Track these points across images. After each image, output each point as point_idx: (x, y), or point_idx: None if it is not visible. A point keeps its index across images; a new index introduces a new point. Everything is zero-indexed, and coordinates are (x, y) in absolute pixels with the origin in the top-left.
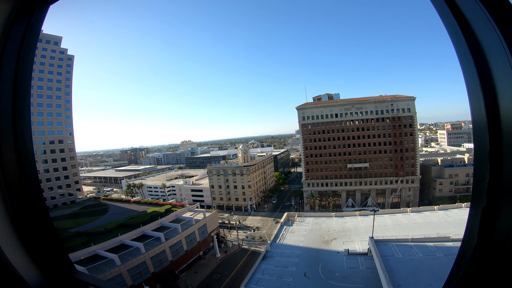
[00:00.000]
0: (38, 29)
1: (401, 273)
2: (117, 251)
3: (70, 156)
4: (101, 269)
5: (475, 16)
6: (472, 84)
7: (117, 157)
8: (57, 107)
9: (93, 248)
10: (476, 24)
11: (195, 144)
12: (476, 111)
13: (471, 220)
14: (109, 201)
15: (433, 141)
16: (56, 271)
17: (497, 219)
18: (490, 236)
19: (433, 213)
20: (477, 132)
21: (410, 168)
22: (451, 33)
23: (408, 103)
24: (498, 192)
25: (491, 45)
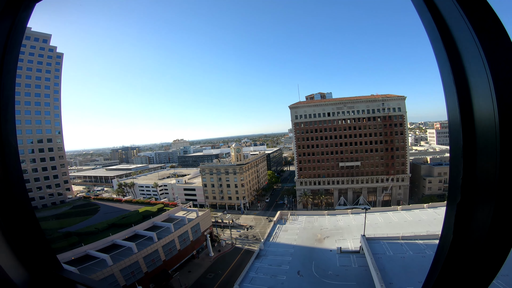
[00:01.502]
0: (24, 26)
1: (392, 271)
2: (109, 251)
3: (59, 155)
4: (93, 269)
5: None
6: (448, 85)
7: (107, 156)
8: (46, 105)
9: (84, 248)
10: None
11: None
12: (451, 111)
13: (448, 216)
14: (99, 201)
15: (423, 140)
16: (43, 270)
17: (472, 214)
18: (465, 231)
19: (422, 211)
20: (452, 130)
21: (401, 167)
22: (430, 35)
23: (398, 102)
24: (472, 188)
25: (468, 48)
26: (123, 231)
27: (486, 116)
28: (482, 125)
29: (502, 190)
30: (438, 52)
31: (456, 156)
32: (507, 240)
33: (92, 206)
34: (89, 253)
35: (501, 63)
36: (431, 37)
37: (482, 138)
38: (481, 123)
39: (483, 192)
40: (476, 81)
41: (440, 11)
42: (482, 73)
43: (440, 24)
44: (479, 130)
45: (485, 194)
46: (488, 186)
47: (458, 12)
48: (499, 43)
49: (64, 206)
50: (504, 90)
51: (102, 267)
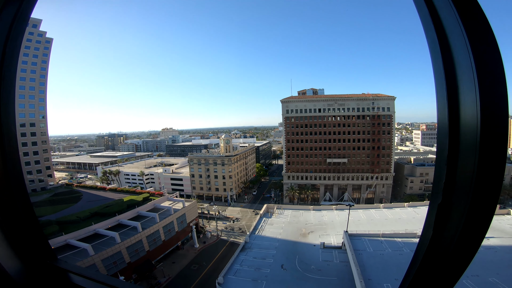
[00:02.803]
0: (28, 15)
1: (371, 267)
2: (91, 240)
3: (42, 140)
4: (73, 259)
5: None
6: (440, 95)
7: (93, 142)
8: (30, 89)
9: (64, 238)
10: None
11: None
12: (441, 118)
13: (429, 215)
14: (82, 188)
15: (408, 141)
16: (37, 259)
17: (449, 215)
18: (443, 230)
19: (403, 209)
20: (440, 137)
21: (385, 166)
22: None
23: (388, 102)
24: (452, 192)
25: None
26: (106, 220)
27: (470, 123)
28: (465, 132)
29: (476, 194)
30: (434, 55)
31: (441, 161)
32: (476, 239)
33: (74, 193)
34: (69, 242)
35: (487, 71)
36: (429, 39)
37: (464, 144)
38: (465, 129)
39: (460, 194)
40: (464, 90)
41: (440, 17)
42: (470, 80)
43: (439, 29)
44: (463, 137)
45: (462, 197)
46: (465, 189)
47: (456, 20)
48: (488, 54)
49: (45, 193)
50: (487, 99)
51: (82, 257)
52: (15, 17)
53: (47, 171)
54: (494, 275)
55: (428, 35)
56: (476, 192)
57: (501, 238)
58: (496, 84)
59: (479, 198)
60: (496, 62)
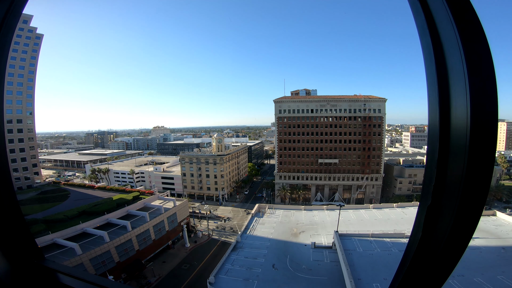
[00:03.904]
0: (20, 11)
1: (361, 267)
2: (78, 239)
3: (29, 136)
4: (60, 259)
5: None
6: (432, 98)
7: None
8: (18, 85)
9: (51, 237)
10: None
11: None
12: (432, 121)
13: (418, 217)
14: (70, 187)
15: (398, 142)
16: (24, 259)
17: (439, 216)
18: (432, 231)
19: (392, 210)
20: (430, 139)
21: (375, 167)
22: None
23: (379, 104)
24: (441, 194)
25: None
26: (94, 219)
27: (460, 126)
28: (456, 135)
29: (464, 196)
30: (427, 58)
31: (432, 163)
32: (463, 240)
33: (61, 192)
34: (56, 241)
35: (479, 76)
36: (423, 43)
37: (454, 147)
38: (455, 132)
39: (449, 196)
40: (456, 94)
41: (435, 22)
42: (462, 85)
43: (434, 33)
44: (453, 140)
45: (451, 199)
46: (454, 192)
47: (451, 24)
48: (481, 58)
49: (31, 191)
50: (477, 103)
51: (70, 256)
52: (7, 13)
53: (34, 169)
54: (479, 275)
55: (422, 39)
56: (465, 194)
57: (486, 239)
58: (486, 88)
59: (468, 200)
60: (487, 66)
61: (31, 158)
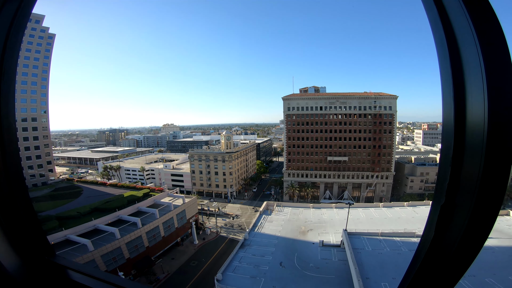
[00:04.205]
0: (29, 10)
1: (369, 266)
2: (91, 236)
3: (43, 135)
4: (73, 255)
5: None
6: (446, 95)
7: (94, 137)
8: (33, 84)
9: (64, 233)
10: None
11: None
12: (446, 118)
13: (431, 216)
14: (83, 184)
15: (409, 140)
16: (35, 256)
17: (452, 216)
18: (445, 231)
19: (402, 209)
20: (445, 137)
21: (386, 165)
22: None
23: (390, 101)
24: (456, 193)
25: (469, 53)
26: (106, 216)
27: (477, 124)
28: (472, 133)
29: (480, 196)
30: (441, 54)
31: (446, 162)
32: (477, 241)
33: (75, 189)
34: (69, 238)
35: (497, 73)
36: (436, 39)
37: (470, 145)
38: (471, 130)
39: (464, 196)
40: (472, 91)
41: (448, 16)
42: (479, 81)
43: (447, 28)
44: (469, 138)
45: (466, 199)
46: (469, 191)
47: (466, 18)
48: (498, 53)
49: (46, 188)
50: (495, 101)
51: (82, 253)
52: (17, 13)
53: (48, 166)
54: (491, 276)
55: (435, 35)
56: (481, 194)
57: (499, 239)
58: (505, 85)
59: (483, 200)
60: (506, 62)
61: (46, 155)
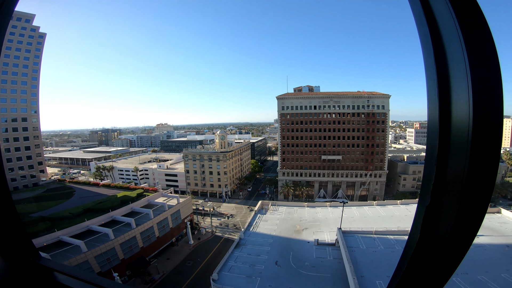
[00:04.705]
0: (11, 9)
1: (364, 264)
2: (84, 237)
3: (34, 135)
4: (66, 256)
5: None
6: (431, 92)
7: (86, 137)
8: (23, 84)
9: (56, 234)
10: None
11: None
12: (431, 116)
13: (417, 216)
14: (75, 184)
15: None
16: (19, 257)
17: (438, 216)
18: (432, 231)
19: (395, 207)
20: (430, 136)
21: (379, 163)
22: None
23: (383, 100)
24: (441, 193)
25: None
26: (99, 216)
27: (462, 123)
28: (457, 131)
29: (466, 195)
30: (426, 51)
31: (431, 161)
32: (465, 240)
33: (67, 189)
34: (62, 239)
35: (482, 69)
36: (421, 35)
37: (455, 144)
38: (456, 129)
39: (450, 195)
40: (457, 89)
41: (433, 12)
42: (463, 78)
43: (432, 24)
44: (454, 137)
45: (451, 198)
46: (455, 190)
47: (451, 15)
48: (484, 53)
49: (37, 188)
50: (480, 98)
51: (75, 254)
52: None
53: (39, 167)
54: (483, 273)
55: (420, 31)
56: (467, 194)
57: (491, 237)
58: (490, 84)
59: (470, 200)
60: (491, 60)
61: (37, 156)
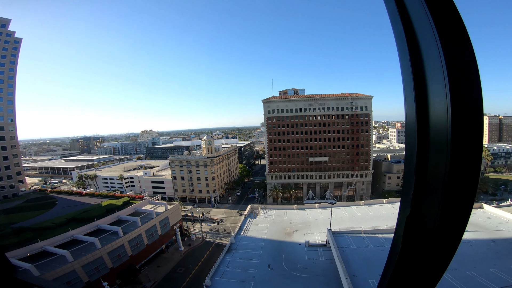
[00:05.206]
0: None
1: (356, 264)
2: (69, 247)
3: (11, 144)
4: (52, 266)
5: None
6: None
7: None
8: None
9: (40, 244)
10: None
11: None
12: (409, 119)
13: (400, 214)
14: (57, 194)
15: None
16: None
17: (421, 213)
18: (416, 228)
19: (382, 205)
20: (408, 137)
21: (364, 163)
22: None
23: (365, 101)
24: (423, 189)
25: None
26: (84, 225)
27: (440, 124)
28: (435, 132)
29: (449, 193)
30: (401, 54)
31: (411, 162)
32: (454, 237)
33: (48, 199)
34: (46, 249)
35: (458, 70)
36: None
37: (434, 145)
38: (435, 130)
39: (432, 195)
40: (434, 88)
41: (409, 15)
42: (440, 78)
43: (407, 26)
44: (433, 137)
45: (433, 193)
46: (436, 189)
47: (427, 17)
48: (460, 52)
49: (17, 199)
50: (457, 98)
51: (61, 264)
52: None
53: (18, 177)
54: (472, 269)
55: (395, 30)
56: (450, 191)
57: (475, 232)
58: (469, 82)
59: (453, 197)
60: (468, 60)
61: (15, 166)
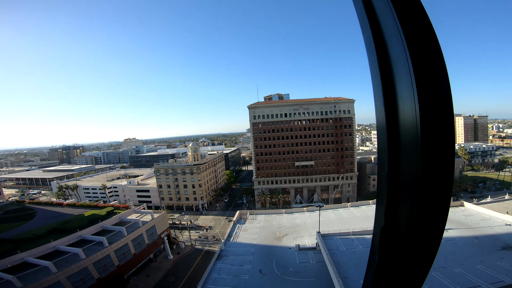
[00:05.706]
0: None
1: (346, 265)
2: (51, 258)
3: None
4: (35, 277)
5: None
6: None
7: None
8: None
9: (20, 256)
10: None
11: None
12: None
13: (377, 216)
14: (36, 205)
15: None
16: None
17: (396, 213)
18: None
19: (368, 207)
20: (380, 139)
21: (349, 166)
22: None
23: (348, 105)
24: (396, 190)
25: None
26: (66, 236)
27: (409, 124)
28: (405, 133)
29: (421, 190)
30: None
31: (383, 163)
32: (433, 239)
33: (27, 210)
34: (27, 260)
35: (426, 72)
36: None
37: (405, 145)
38: (404, 131)
39: (405, 192)
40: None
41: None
42: (407, 81)
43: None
44: (403, 138)
45: (407, 195)
46: (410, 188)
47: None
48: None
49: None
50: (426, 99)
51: (45, 275)
52: None
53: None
54: (459, 266)
55: (363, 31)
56: (423, 195)
57: (458, 229)
58: (437, 83)
59: (428, 200)
60: (436, 60)
61: None
